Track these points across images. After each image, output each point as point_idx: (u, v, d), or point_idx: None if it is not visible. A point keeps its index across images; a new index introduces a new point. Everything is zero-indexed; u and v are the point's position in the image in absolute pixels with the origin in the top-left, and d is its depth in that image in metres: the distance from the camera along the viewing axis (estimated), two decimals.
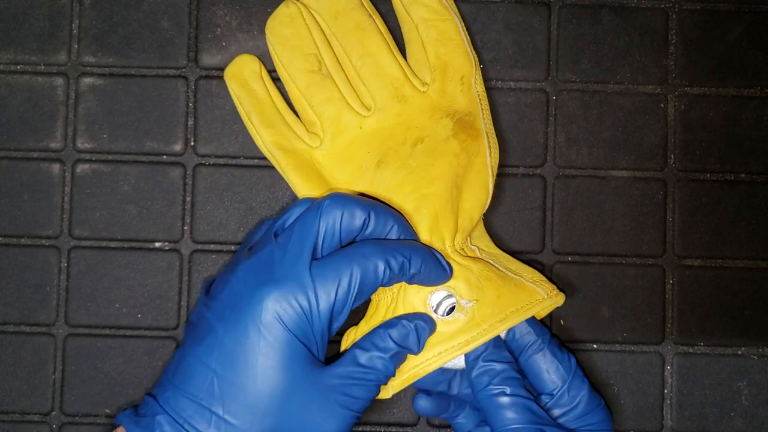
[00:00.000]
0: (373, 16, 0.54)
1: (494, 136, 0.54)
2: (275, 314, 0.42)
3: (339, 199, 0.45)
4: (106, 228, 0.55)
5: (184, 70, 0.56)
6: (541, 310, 0.51)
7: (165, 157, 0.56)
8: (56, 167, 0.55)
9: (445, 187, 0.50)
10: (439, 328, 0.48)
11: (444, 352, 0.48)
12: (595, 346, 0.55)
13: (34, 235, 0.55)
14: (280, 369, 0.42)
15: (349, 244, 0.46)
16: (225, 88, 0.56)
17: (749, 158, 0.56)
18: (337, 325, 0.45)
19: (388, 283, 0.46)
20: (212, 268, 0.55)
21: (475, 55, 0.55)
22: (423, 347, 0.48)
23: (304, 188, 0.53)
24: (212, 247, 0.55)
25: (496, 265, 0.51)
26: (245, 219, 0.56)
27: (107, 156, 0.56)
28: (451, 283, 0.49)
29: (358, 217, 0.45)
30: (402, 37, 0.55)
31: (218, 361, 0.43)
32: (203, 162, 0.56)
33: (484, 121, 0.54)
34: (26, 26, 0.56)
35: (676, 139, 0.56)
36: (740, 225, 0.56)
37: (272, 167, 0.55)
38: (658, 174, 0.56)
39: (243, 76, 0.54)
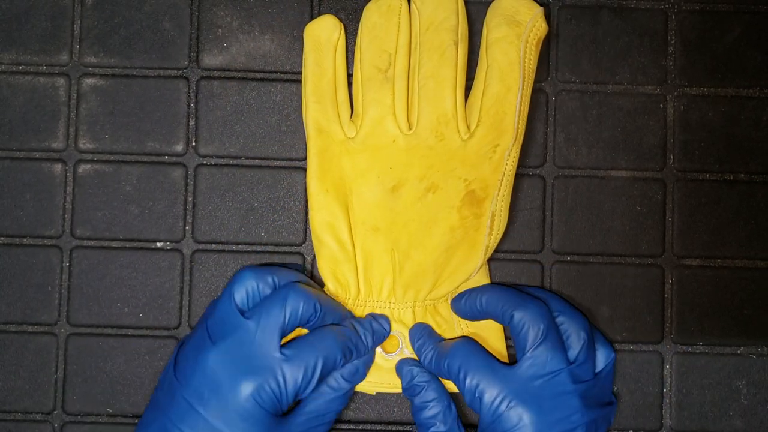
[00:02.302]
0: (459, 43, 0.53)
1: (504, 216, 0.54)
2: (254, 400, 0.49)
3: (300, 293, 0.51)
4: (107, 228, 0.56)
5: (185, 70, 0.56)
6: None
7: (166, 157, 0.56)
8: (58, 167, 0.56)
9: (433, 254, 0.53)
10: (380, 360, 0.54)
11: (378, 383, 0.54)
12: None
13: (36, 234, 0.56)
14: None
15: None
16: (226, 88, 0.56)
17: (748, 158, 0.56)
18: (300, 397, 0.51)
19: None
20: (213, 267, 0.56)
21: (522, 131, 0.54)
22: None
23: (316, 178, 0.54)
24: (213, 247, 0.56)
25: (456, 328, 0.54)
26: (246, 219, 0.56)
27: (109, 156, 0.56)
28: (404, 331, 0.54)
29: (315, 311, 0.51)
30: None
31: None
32: (204, 162, 0.56)
33: (497, 201, 0.53)
34: (28, 27, 0.56)
35: (675, 139, 0.56)
36: (739, 225, 0.56)
37: (274, 168, 0.56)
38: (658, 174, 0.56)
39: (319, 39, 0.55)
